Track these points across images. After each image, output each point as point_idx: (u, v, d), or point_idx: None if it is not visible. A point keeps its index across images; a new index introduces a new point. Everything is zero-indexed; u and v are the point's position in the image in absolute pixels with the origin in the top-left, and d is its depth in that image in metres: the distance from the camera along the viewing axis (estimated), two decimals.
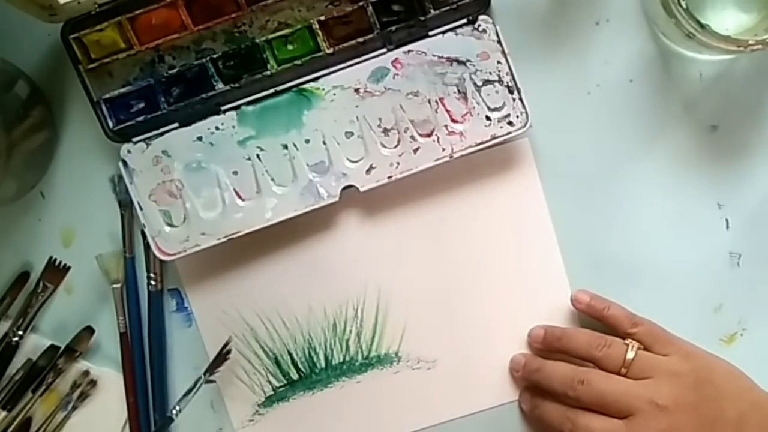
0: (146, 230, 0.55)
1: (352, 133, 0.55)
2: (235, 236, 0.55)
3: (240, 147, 0.55)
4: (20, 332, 0.58)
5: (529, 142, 0.57)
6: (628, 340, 0.53)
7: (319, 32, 0.54)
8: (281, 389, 0.59)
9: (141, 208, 0.55)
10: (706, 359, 0.53)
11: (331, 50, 0.55)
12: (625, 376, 0.52)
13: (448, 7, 0.54)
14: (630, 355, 0.52)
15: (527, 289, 0.58)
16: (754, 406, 0.51)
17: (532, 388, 0.57)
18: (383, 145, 0.55)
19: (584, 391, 0.52)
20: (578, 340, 0.54)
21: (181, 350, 0.59)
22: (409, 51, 0.55)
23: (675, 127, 0.56)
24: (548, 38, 0.56)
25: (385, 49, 0.55)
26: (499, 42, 0.54)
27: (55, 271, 0.58)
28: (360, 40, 0.55)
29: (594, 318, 0.55)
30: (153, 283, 0.58)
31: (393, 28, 0.55)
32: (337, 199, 0.55)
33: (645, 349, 0.53)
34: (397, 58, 0.55)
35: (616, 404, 0.51)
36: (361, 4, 0.54)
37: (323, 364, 0.59)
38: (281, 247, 0.58)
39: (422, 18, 0.54)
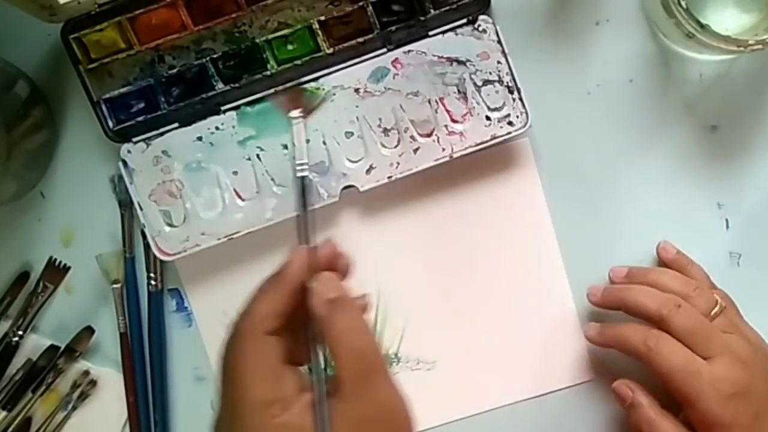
0: (146, 230, 0.55)
1: (352, 133, 0.55)
2: (235, 236, 0.55)
3: (240, 147, 0.55)
4: (20, 332, 0.58)
5: (529, 142, 0.57)
6: (717, 294, 0.53)
7: (319, 32, 0.55)
8: None
9: (141, 208, 0.55)
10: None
11: (331, 50, 0.55)
12: None
13: (448, 7, 0.54)
14: (720, 305, 0.52)
15: (527, 290, 0.58)
16: None
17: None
18: (383, 145, 0.55)
19: (681, 314, 0.50)
20: (668, 278, 0.53)
21: (181, 350, 0.59)
22: (409, 51, 0.55)
23: (675, 127, 0.56)
24: (548, 38, 0.56)
25: (385, 49, 0.55)
26: (499, 42, 0.54)
27: (55, 271, 0.58)
28: (360, 40, 0.55)
29: (676, 269, 0.55)
30: (153, 283, 0.58)
31: (393, 28, 0.55)
32: (337, 199, 0.55)
33: None
34: (397, 58, 0.55)
35: (705, 341, 0.50)
36: (361, 4, 0.54)
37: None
38: (281, 247, 0.57)
39: (422, 18, 0.54)
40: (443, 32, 0.54)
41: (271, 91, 0.55)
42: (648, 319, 0.51)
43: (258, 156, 0.55)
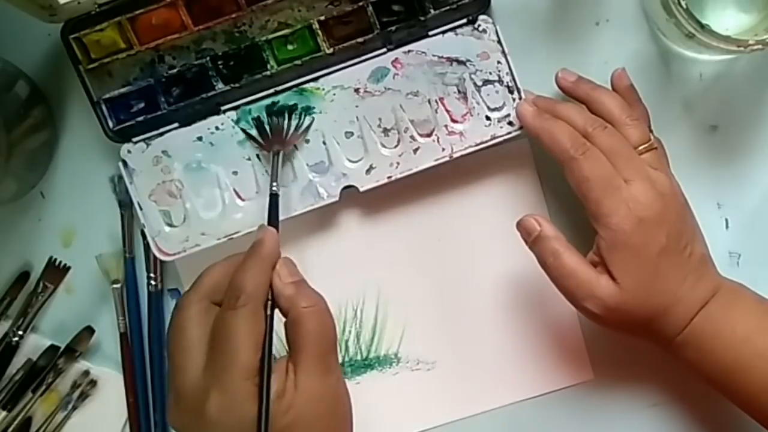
0: (146, 230, 0.55)
1: (352, 133, 0.55)
2: (235, 236, 0.55)
3: (240, 147, 0.55)
4: (20, 332, 0.58)
5: (529, 142, 0.57)
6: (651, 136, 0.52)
7: (319, 32, 0.55)
8: None
9: (141, 208, 0.55)
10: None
11: (331, 50, 0.55)
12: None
13: (448, 7, 0.54)
14: (652, 144, 0.51)
15: (527, 290, 0.58)
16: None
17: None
18: (383, 145, 0.55)
19: (605, 134, 0.50)
20: (612, 99, 0.52)
21: None
22: (409, 51, 0.55)
23: (675, 127, 0.56)
24: (548, 38, 0.56)
25: (385, 49, 0.55)
26: (499, 42, 0.54)
27: (55, 271, 0.58)
28: (360, 40, 0.55)
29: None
30: (153, 283, 0.58)
31: (393, 28, 0.55)
32: (337, 199, 0.55)
33: None
34: (397, 58, 0.55)
35: (626, 163, 0.49)
36: (361, 4, 0.54)
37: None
38: (281, 247, 0.58)
39: (422, 18, 0.54)
40: (443, 32, 0.54)
41: (271, 90, 0.55)
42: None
43: (258, 156, 0.55)
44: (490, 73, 0.54)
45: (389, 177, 0.55)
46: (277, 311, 0.47)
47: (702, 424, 0.57)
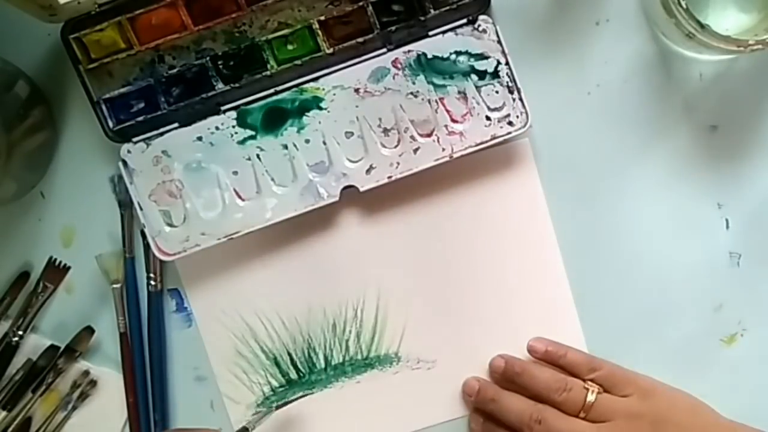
0: (146, 230, 0.55)
1: (352, 133, 0.55)
2: (235, 236, 0.55)
3: (240, 147, 0.55)
4: (20, 332, 0.58)
5: (529, 142, 0.57)
6: (589, 383, 0.53)
7: (319, 32, 0.55)
8: (280, 390, 0.59)
9: (141, 208, 0.55)
10: (668, 397, 0.53)
11: (331, 50, 0.55)
12: (583, 419, 0.52)
13: (448, 7, 0.54)
14: (590, 398, 0.52)
15: (527, 289, 0.58)
16: None
17: (485, 412, 0.57)
18: (383, 145, 0.55)
19: (541, 430, 0.52)
20: (539, 379, 0.54)
21: (181, 350, 0.59)
22: (409, 51, 0.55)
23: (675, 127, 0.56)
24: (548, 38, 0.56)
25: (385, 49, 0.55)
26: (499, 42, 0.54)
27: (55, 271, 0.58)
28: (360, 40, 0.55)
29: (551, 364, 0.55)
30: (153, 283, 0.58)
31: (393, 28, 0.55)
32: (337, 199, 0.55)
33: (605, 391, 0.53)
34: (397, 58, 0.55)
35: None
36: (361, 4, 0.54)
37: (323, 365, 0.59)
38: (281, 247, 0.58)
39: (422, 18, 0.54)
40: (443, 32, 0.54)
41: (271, 90, 0.55)
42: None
43: (258, 156, 0.55)
44: None
45: (389, 177, 0.55)
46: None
47: None
